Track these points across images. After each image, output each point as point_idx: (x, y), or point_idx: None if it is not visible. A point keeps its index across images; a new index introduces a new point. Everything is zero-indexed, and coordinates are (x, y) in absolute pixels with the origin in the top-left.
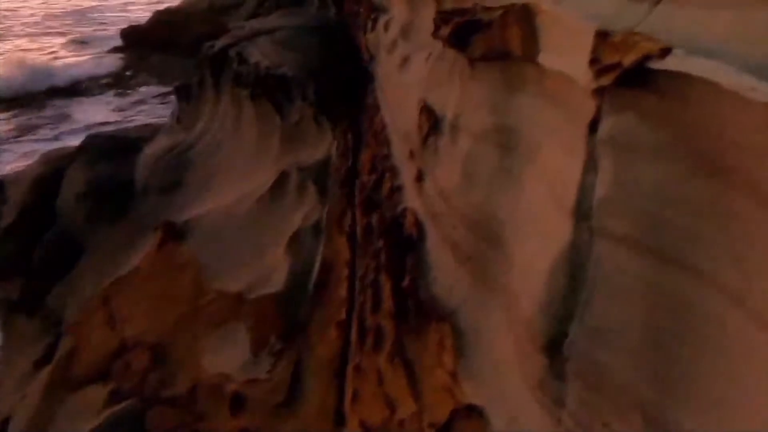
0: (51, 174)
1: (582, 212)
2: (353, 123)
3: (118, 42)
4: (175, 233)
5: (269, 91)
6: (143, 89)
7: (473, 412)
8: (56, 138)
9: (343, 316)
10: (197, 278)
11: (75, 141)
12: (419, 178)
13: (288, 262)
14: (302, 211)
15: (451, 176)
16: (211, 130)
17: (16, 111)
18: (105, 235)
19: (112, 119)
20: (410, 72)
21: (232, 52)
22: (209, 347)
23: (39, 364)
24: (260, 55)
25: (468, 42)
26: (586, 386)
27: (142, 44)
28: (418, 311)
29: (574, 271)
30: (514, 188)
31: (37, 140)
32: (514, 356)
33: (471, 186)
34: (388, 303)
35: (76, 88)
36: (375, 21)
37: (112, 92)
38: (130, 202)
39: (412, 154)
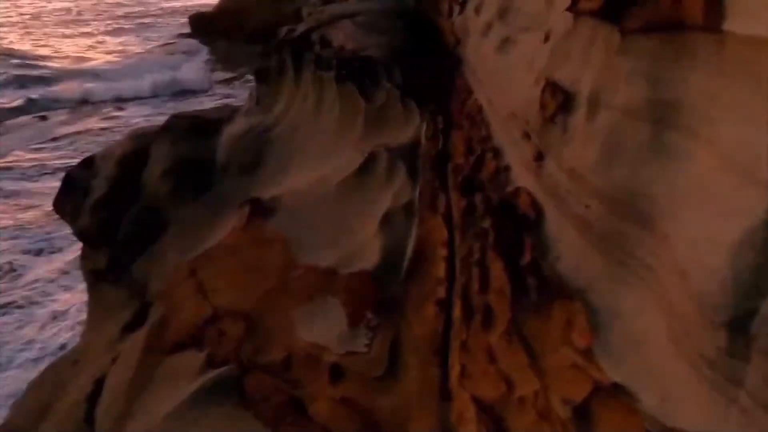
0: (137, 151)
1: None
2: (442, 106)
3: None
4: (261, 209)
5: (354, 73)
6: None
7: (616, 390)
8: None
9: (443, 294)
10: (285, 253)
11: None
12: (538, 157)
13: (380, 240)
14: (392, 192)
15: (586, 154)
16: (290, 112)
17: None
18: (188, 210)
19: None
20: (515, 53)
21: (314, 36)
22: (302, 319)
23: (127, 329)
24: (344, 38)
25: (622, 14)
26: None
27: (209, 30)
28: (541, 288)
29: (767, 245)
30: (672, 163)
31: None
32: (668, 334)
33: (612, 163)
34: (499, 281)
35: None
36: (463, 5)
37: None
38: (211, 179)
39: (526, 135)
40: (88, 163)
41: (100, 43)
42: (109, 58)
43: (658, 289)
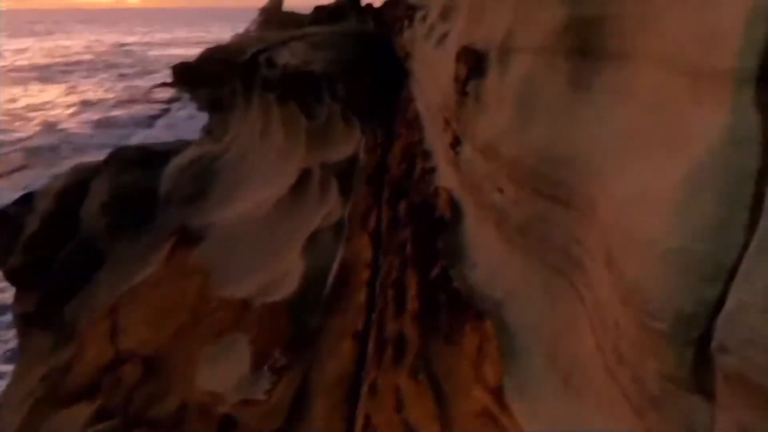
0: (77, 185)
1: None
2: (384, 120)
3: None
4: (189, 238)
5: (297, 91)
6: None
7: None
8: None
9: (360, 326)
10: (203, 285)
11: None
12: (455, 144)
13: (303, 264)
14: (323, 211)
15: (499, 118)
16: (239, 140)
17: None
18: (125, 245)
19: None
20: (447, 45)
21: (261, 58)
22: (205, 361)
23: (45, 380)
24: (290, 56)
25: None
26: None
27: (192, 79)
28: (452, 306)
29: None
30: (593, 108)
31: None
32: (601, 360)
33: (526, 120)
34: (413, 303)
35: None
36: (411, 18)
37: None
38: (152, 212)
39: (447, 123)
40: (25, 199)
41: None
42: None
43: (587, 293)
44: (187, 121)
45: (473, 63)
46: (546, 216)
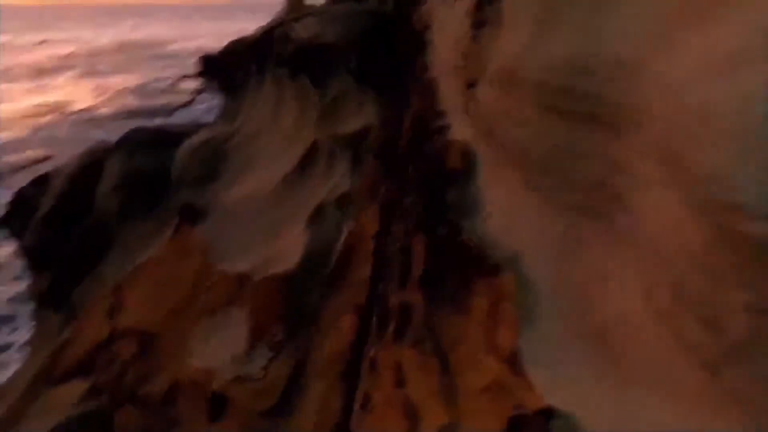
0: (91, 166)
1: None
2: (400, 91)
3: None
4: (192, 216)
5: (309, 65)
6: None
7: (550, 420)
8: None
9: (363, 298)
10: (203, 261)
11: None
12: (470, 86)
13: (307, 238)
14: (330, 183)
15: (519, 36)
16: (251, 120)
17: None
18: (135, 227)
19: None
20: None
21: (277, 33)
22: (199, 337)
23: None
24: (303, 30)
25: None
26: None
27: (216, 71)
28: (460, 264)
29: None
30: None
31: None
32: (650, 314)
33: (551, 30)
34: (418, 267)
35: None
36: None
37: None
38: (163, 194)
39: (461, 68)
40: (41, 179)
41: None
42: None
43: (630, 230)
44: (210, 111)
45: None
46: (575, 144)
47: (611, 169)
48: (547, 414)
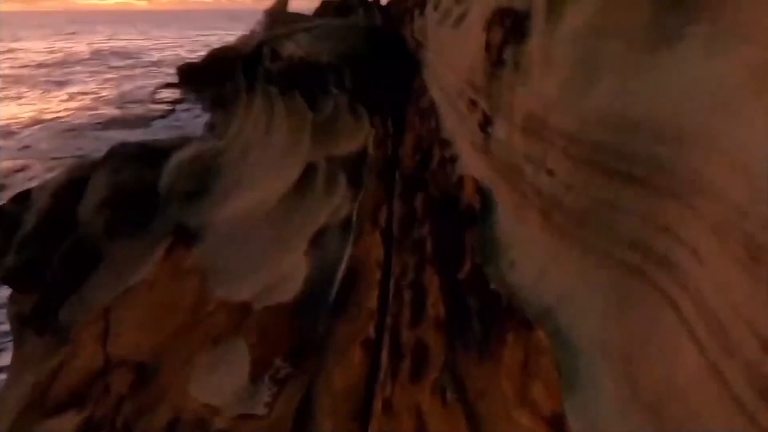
0: (75, 182)
1: None
2: (394, 111)
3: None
4: (186, 237)
5: (302, 83)
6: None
7: None
8: None
9: (372, 332)
10: (201, 286)
11: None
12: (485, 124)
13: (308, 264)
14: (330, 207)
15: (550, 85)
16: (242, 135)
17: None
18: (122, 244)
19: None
20: (468, 21)
21: (265, 49)
22: (201, 369)
23: (36, 386)
24: (295, 47)
25: None
26: None
27: (198, 80)
28: (487, 312)
29: None
30: (688, 59)
31: None
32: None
33: (589, 83)
34: (435, 308)
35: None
36: (423, 6)
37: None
38: (152, 211)
39: (473, 104)
40: (22, 196)
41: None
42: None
43: (683, 296)
44: (190, 121)
45: (511, 25)
46: (614, 200)
47: (657, 229)
48: None
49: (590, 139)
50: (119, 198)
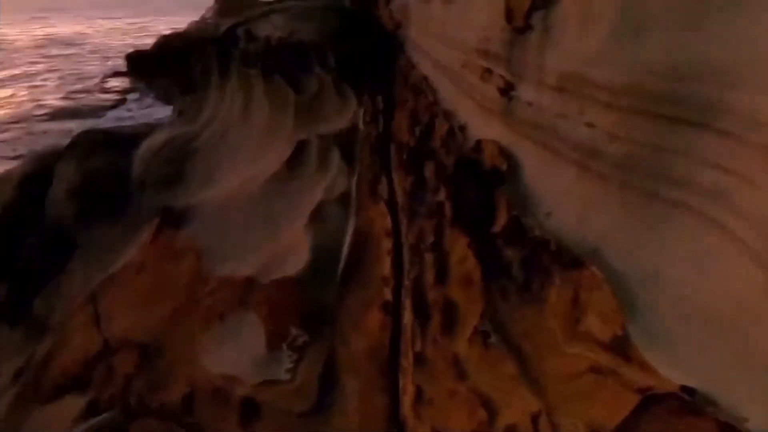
0: (39, 172)
1: None
2: (381, 88)
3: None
4: (173, 219)
5: (283, 63)
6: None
7: (685, 400)
8: None
9: (389, 296)
10: (196, 265)
11: None
12: (507, 90)
13: (310, 238)
14: (325, 182)
15: (591, 41)
16: (216, 118)
17: None
18: (99, 232)
19: None
20: None
21: (239, 31)
22: (210, 344)
23: (20, 375)
24: (272, 28)
25: None
26: None
27: (148, 68)
28: (529, 260)
29: None
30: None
31: None
32: None
33: (637, 35)
34: (464, 265)
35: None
36: None
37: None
38: (126, 197)
39: (487, 71)
40: None
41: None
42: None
43: (736, 220)
44: (142, 111)
45: None
46: (664, 143)
47: (709, 166)
48: (688, 391)
49: (639, 89)
50: (90, 185)
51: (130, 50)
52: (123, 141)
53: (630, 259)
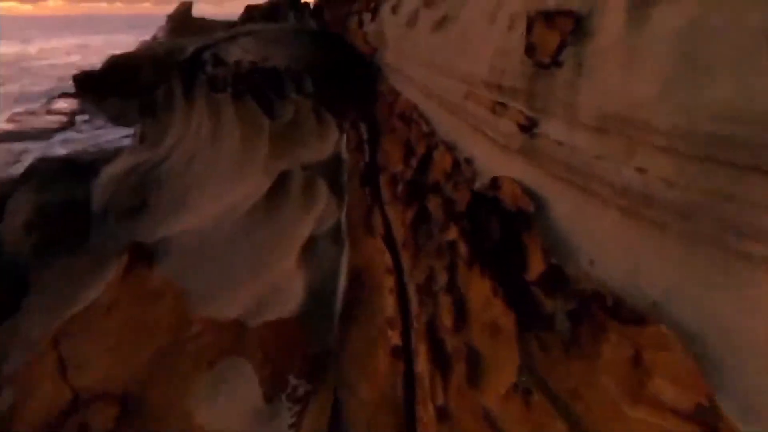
0: None
1: None
2: (362, 115)
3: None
4: (144, 255)
5: (255, 88)
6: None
7: None
8: None
9: (398, 340)
10: (177, 306)
11: None
12: (528, 126)
13: (303, 274)
14: (313, 215)
15: (641, 81)
16: (182, 144)
17: None
18: (58, 268)
19: None
20: (463, 20)
21: (206, 55)
22: (201, 396)
23: None
24: (242, 52)
25: None
26: None
27: (97, 89)
28: (578, 311)
29: None
30: None
31: None
32: None
33: (700, 76)
34: (490, 311)
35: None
36: (375, 12)
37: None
38: (87, 229)
39: (499, 105)
40: None
41: None
42: None
43: None
44: (93, 132)
45: (570, 27)
46: (733, 191)
47: None
48: None
49: (702, 133)
50: (47, 218)
51: (76, 70)
52: (82, 169)
53: (700, 314)
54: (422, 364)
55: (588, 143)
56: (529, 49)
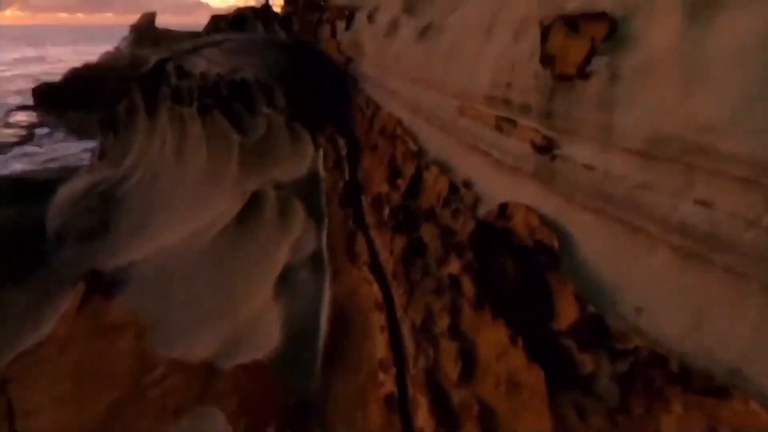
0: None
1: None
2: (340, 130)
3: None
4: (102, 284)
5: (223, 102)
6: (60, 145)
7: None
8: None
9: (392, 387)
10: (139, 345)
11: None
12: (546, 147)
13: (280, 310)
14: (289, 241)
15: (710, 99)
16: (144, 162)
17: None
18: (6, 298)
19: None
20: (454, 29)
21: (170, 66)
22: None
23: None
24: (208, 64)
25: None
26: None
27: (57, 101)
28: (627, 374)
29: None
30: None
31: None
32: None
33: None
34: (508, 362)
35: None
36: (350, 19)
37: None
38: (40, 255)
39: (506, 121)
40: None
41: None
42: None
43: None
44: (53, 146)
45: (603, 32)
46: None
47: None
48: None
49: None
50: None
51: (36, 82)
52: (35, 188)
53: None
54: (423, 420)
55: (628, 170)
56: (546, 60)
